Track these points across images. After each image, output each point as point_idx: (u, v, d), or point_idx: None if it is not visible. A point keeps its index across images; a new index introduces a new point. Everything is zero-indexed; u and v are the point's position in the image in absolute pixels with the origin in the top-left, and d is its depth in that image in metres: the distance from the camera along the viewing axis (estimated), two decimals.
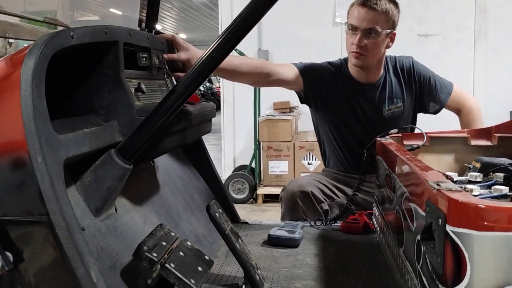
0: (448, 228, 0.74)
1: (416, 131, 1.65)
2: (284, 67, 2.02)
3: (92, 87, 1.11)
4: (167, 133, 1.17)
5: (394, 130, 1.64)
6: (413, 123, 2.14)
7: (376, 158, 1.58)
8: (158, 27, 1.64)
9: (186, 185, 1.63)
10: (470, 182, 1.19)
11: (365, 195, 1.94)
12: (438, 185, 0.82)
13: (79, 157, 0.98)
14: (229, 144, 5.32)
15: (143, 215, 1.23)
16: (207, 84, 17.64)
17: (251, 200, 4.69)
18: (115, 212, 1.11)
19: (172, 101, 1.06)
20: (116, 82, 1.12)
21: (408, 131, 1.70)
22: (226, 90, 5.25)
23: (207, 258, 1.17)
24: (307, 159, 4.52)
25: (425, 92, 2.08)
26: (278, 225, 1.69)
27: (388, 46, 1.99)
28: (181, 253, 1.10)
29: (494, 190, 1.04)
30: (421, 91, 2.08)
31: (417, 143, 1.54)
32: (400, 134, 1.62)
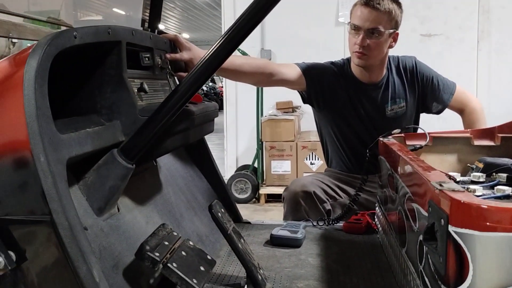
0: (451, 229, 0.74)
1: (419, 131, 1.65)
2: (287, 67, 2.02)
3: (95, 87, 1.11)
4: (170, 133, 1.17)
5: (397, 130, 1.64)
6: (416, 123, 2.14)
7: (379, 158, 1.58)
8: (161, 27, 1.64)
9: (189, 185, 1.63)
10: (473, 183, 1.19)
11: (368, 195, 1.94)
12: (441, 186, 0.82)
13: (82, 157, 0.98)
14: (232, 144, 5.32)
15: (146, 215, 1.24)
16: (210, 84, 17.65)
17: (254, 200, 4.69)
18: (118, 212, 1.11)
19: (175, 101, 1.06)
20: (119, 82, 1.12)
21: (411, 131, 1.70)
22: (229, 90, 5.25)
23: (209, 258, 1.17)
24: (310, 159, 4.51)
25: (428, 92, 2.08)
26: (281, 225, 1.69)
27: (391, 46, 1.99)
28: (183, 253, 1.10)
29: (497, 191, 1.03)
30: (424, 91, 2.08)
31: (420, 143, 1.54)
32: (403, 134, 1.62)
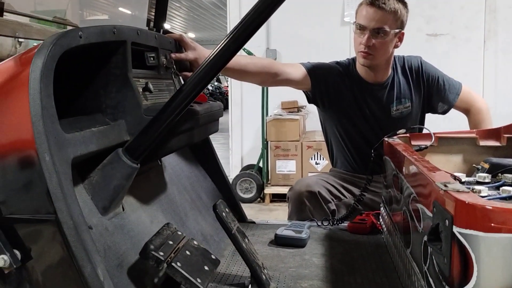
0: (455, 229, 0.74)
1: (424, 131, 1.64)
2: (292, 67, 2.02)
3: (100, 87, 1.12)
4: (175, 133, 1.17)
5: (402, 130, 1.64)
6: (421, 123, 2.13)
7: (384, 159, 1.58)
8: (167, 26, 1.64)
9: (193, 184, 1.63)
10: (478, 183, 1.18)
11: (373, 195, 1.93)
12: (445, 186, 0.81)
13: (87, 156, 0.98)
14: (237, 144, 5.32)
15: (150, 214, 1.24)
16: (216, 83, 17.67)
17: (259, 200, 4.69)
18: (123, 211, 1.11)
19: (180, 101, 1.06)
20: (124, 82, 1.12)
21: (416, 131, 1.69)
22: (234, 90, 5.25)
23: (214, 258, 1.17)
24: (315, 159, 4.51)
25: (434, 92, 2.07)
26: (285, 225, 1.69)
27: (397, 46, 1.99)
28: (188, 252, 1.10)
29: (503, 191, 1.03)
30: (430, 91, 2.07)
31: (425, 144, 1.53)
32: (408, 134, 1.61)
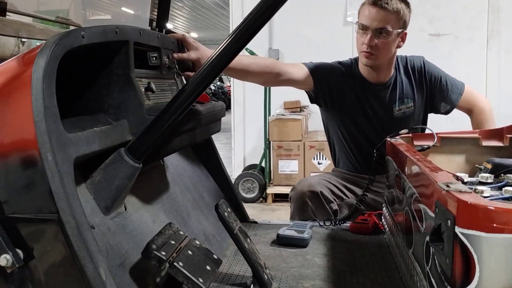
0: (457, 230, 0.74)
1: (427, 132, 1.64)
2: (294, 67, 2.02)
3: (102, 87, 1.12)
4: (177, 132, 1.17)
5: (405, 130, 1.64)
6: (424, 123, 2.13)
7: (386, 159, 1.58)
8: (170, 26, 1.64)
9: (196, 184, 1.63)
10: (481, 183, 1.18)
11: (375, 196, 1.93)
12: (448, 186, 0.81)
13: (89, 156, 0.98)
14: (239, 143, 5.32)
15: (153, 214, 1.24)
16: (218, 83, 17.68)
17: (261, 200, 4.69)
18: (125, 211, 1.11)
19: (182, 101, 1.06)
20: (126, 82, 1.13)
21: (419, 131, 1.69)
22: (237, 90, 5.26)
23: (216, 257, 1.17)
24: (317, 159, 4.50)
25: (436, 92, 2.07)
26: (287, 225, 1.69)
27: (399, 46, 1.98)
28: (190, 252, 1.10)
29: (505, 192, 1.02)
30: (432, 91, 2.07)
31: (428, 144, 1.53)
32: (411, 135, 1.61)
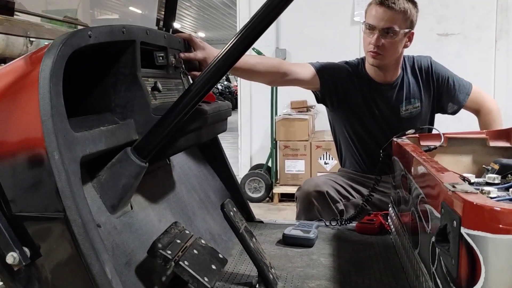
0: (463, 231, 0.74)
1: (434, 132, 1.63)
2: (301, 67, 2.02)
3: (109, 86, 1.12)
4: (183, 132, 1.17)
5: (411, 131, 1.63)
6: (431, 124, 2.12)
7: (393, 159, 1.57)
8: (177, 26, 1.65)
9: (202, 184, 1.64)
10: (488, 184, 1.17)
11: (381, 196, 1.93)
12: (454, 187, 0.81)
13: (96, 155, 0.99)
14: (246, 143, 5.32)
15: (159, 213, 1.24)
16: (225, 83, 17.70)
17: (267, 199, 4.69)
18: (131, 210, 1.12)
19: (188, 100, 1.07)
20: (133, 81, 1.13)
21: (426, 132, 1.68)
22: (243, 89, 5.26)
23: (221, 257, 1.18)
24: (324, 159, 4.50)
25: (444, 93, 2.06)
26: (293, 225, 1.69)
27: (406, 46, 1.98)
28: (195, 251, 1.10)
29: None
30: (439, 91, 2.06)
31: (434, 144, 1.53)
32: (417, 135, 1.60)
